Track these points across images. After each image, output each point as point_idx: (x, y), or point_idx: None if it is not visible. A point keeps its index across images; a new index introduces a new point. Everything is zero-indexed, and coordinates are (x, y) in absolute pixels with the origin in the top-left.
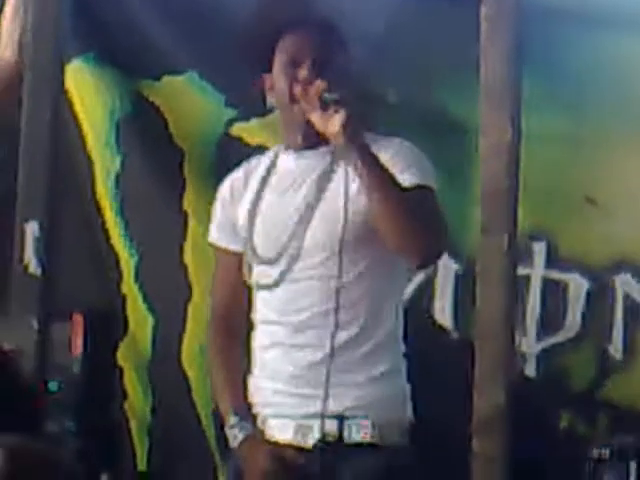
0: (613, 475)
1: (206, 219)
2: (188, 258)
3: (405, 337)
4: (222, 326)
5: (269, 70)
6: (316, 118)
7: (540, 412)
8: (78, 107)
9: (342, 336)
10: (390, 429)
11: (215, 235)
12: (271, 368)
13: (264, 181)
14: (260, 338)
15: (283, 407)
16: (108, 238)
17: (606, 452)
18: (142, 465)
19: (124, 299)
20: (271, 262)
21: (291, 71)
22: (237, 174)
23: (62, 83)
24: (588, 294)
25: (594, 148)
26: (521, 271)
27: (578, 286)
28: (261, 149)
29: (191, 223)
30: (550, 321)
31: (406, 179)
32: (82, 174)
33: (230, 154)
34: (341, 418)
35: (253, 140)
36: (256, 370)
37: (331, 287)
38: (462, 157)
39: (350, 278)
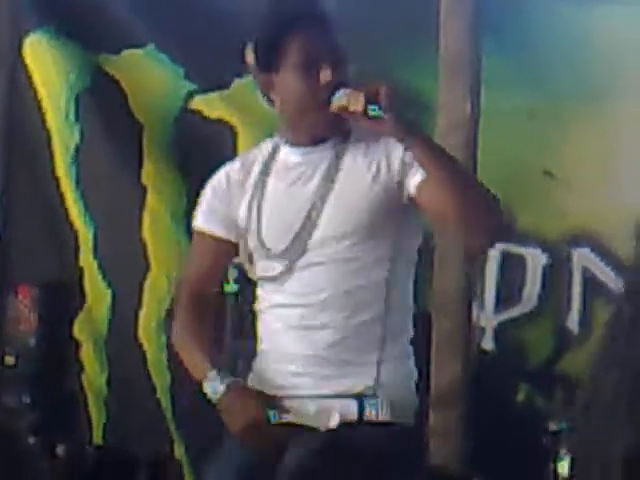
0: (570, 448)
1: (165, 193)
2: (146, 232)
3: None
4: (194, 306)
5: (269, 69)
6: (363, 124)
7: (498, 385)
8: (36, 81)
9: (360, 317)
10: (403, 409)
11: (201, 219)
12: (287, 351)
13: (265, 174)
14: (271, 323)
15: (302, 389)
16: (66, 211)
17: (563, 425)
18: (98, 438)
19: (81, 272)
20: (280, 256)
21: (308, 73)
22: (234, 165)
23: (20, 56)
24: (546, 268)
25: (552, 122)
26: None
27: (536, 260)
28: (220, 122)
29: (149, 197)
30: (508, 295)
31: None
32: (40, 147)
33: (189, 127)
34: (361, 398)
35: (212, 113)
36: (269, 355)
37: (350, 270)
38: None
39: (368, 262)
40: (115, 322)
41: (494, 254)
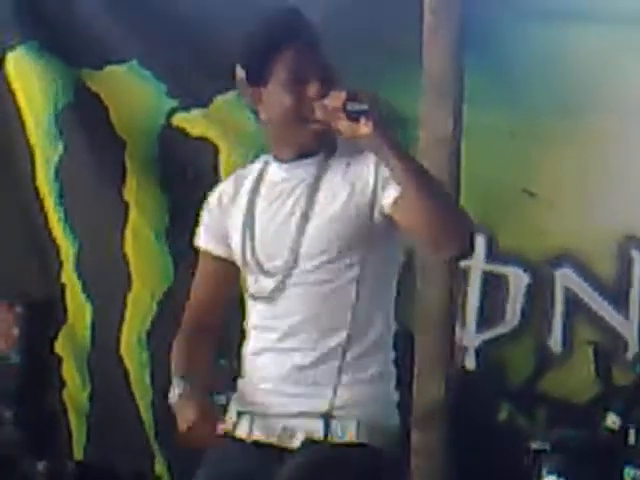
0: (551, 467)
1: (147, 209)
2: (128, 248)
3: None
4: (195, 326)
5: (258, 82)
6: (343, 127)
7: (479, 405)
8: (19, 95)
9: (332, 340)
10: (376, 431)
11: (202, 239)
12: (261, 371)
13: (254, 192)
14: (252, 344)
15: (272, 407)
16: (48, 227)
17: (545, 444)
18: (79, 454)
19: (63, 288)
20: (273, 274)
21: (296, 88)
22: (227, 184)
23: (3, 71)
24: (528, 287)
25: (534, 141)
26: (461, 264)
27: (518, 279)
28: (202, 140)
29: (132, 213)
30: (490, 314)
31: None
32: (23, 162)
33: (171, 144)
34: (326, 417)
35: (194, 130)
36: (247, 374)
37: (323, 292)
38: None
39: (343, 283)
40: (97, 338)
41: (476, 273)
